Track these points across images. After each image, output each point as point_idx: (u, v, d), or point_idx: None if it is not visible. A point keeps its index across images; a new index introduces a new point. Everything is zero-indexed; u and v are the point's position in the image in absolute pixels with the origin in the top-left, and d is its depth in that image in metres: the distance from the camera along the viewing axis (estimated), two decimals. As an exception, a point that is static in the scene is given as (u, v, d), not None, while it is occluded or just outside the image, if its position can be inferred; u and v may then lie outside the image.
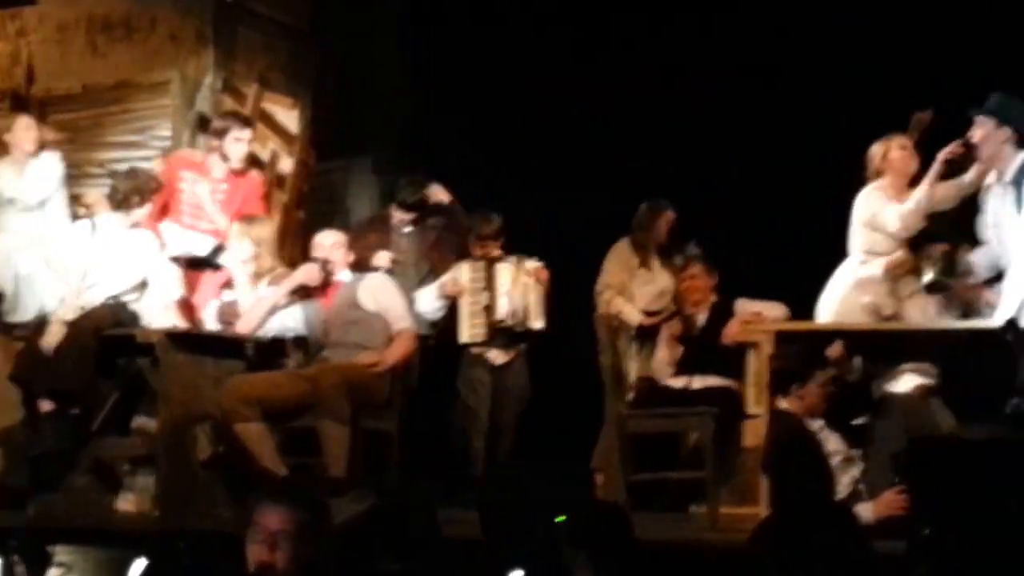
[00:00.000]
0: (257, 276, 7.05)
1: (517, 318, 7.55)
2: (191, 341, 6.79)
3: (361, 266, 7.31)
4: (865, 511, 5.35)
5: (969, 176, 6.10)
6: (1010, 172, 5.82)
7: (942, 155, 6.10)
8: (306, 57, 8.73)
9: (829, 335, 6.06)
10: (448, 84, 8.67)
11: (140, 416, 6.92)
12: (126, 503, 6.88)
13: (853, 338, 6.02)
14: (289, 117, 8.56)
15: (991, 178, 5.95)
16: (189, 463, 6.67)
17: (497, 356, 7.63)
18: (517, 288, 7.56)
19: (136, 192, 7.02)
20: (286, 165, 8.50)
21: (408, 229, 7.82)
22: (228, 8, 8.43)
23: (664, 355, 7.43)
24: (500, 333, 7.58)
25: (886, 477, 5.50)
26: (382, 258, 7.64)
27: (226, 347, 6.90)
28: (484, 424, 7.55)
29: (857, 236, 6.37)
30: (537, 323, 7.60)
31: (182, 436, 6.69)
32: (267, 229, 7.23)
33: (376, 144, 8.68)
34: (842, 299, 6.29)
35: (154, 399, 6.75)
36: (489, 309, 7.56)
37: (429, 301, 7.64)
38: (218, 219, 7.35)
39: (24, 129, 7.51)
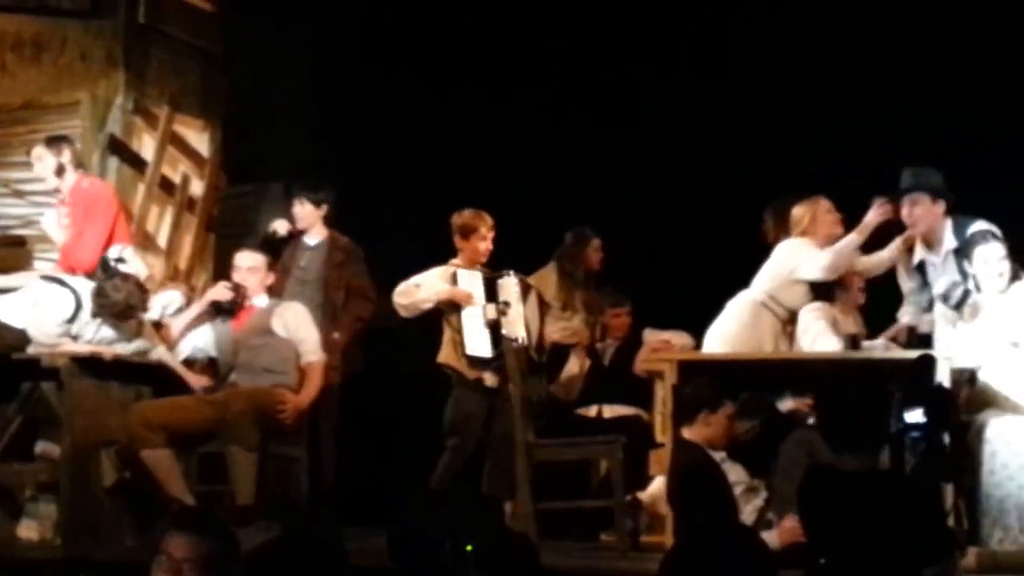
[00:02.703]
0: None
1: (532, 340, 7.00)
2: (97, 365, 6.70)
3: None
4: (770, 539, 5.42)
5: (888, 252, 6.48)
6: (946, 242, 6.22)
7: (882, 212, 6.34)
8: (218, 80, 8.68)
9: (731, 365, 6.13)
10: (360, 111, 8.66)
11: (43, 441, 6.82)
12: (28, 530, 6.77)
13: (751, 368, 6.10)
14: (200, 140, 8.51)
15: (921, 252, 6.29)
16: (93, 490, 6.58)
17: (491, 379, 7.00)
18: (529, 307, 7.05)
19: (109, 308, 6.69)
20: (197, 188, 8.45)
21: (316, 241, 7.50)
22: (140, 29, 8.36)
23: (574, 366, 7.45)
24: (505, 353, 6.91)
25: (792, 506, 5.57)
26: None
27: (133, 371, 6.82)
28: (469, 452, 7.02)
29: (770, 280, 6.47)
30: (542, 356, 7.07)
31: (86, 462, 6.60)
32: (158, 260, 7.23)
33: (287, 169, 8.64)
34: (733, 336, 6.41)
35: (58, 424, 6.65)
36: (497, 324, 6.97)
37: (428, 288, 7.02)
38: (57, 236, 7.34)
39: None
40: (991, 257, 6.01)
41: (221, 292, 6.89)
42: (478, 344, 6.97)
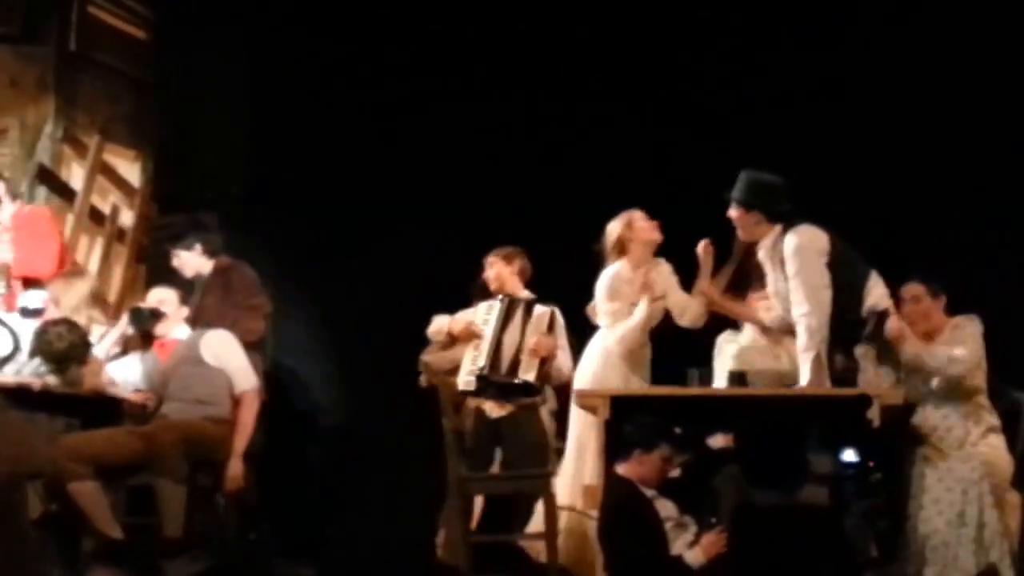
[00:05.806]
0: None
1: (497, 366, 6.83)
2: (25, 396, 6.63)
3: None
4: (695, 556, 5.50)
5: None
6: (768, 246, 6.12)
7: (701, 249, 6.44)
8: (150, 109, 8.65)
9: (661, 401, 6.16)
10: (294, 140, 8.64)
11: (-32, 474, 6.72)
12: (-50, 564, 6.67)
13: (680, 404, 6.12)
14: (131, 170, 8.48)
15: (761, 254, 6.23)
16: (19, 522, 6.49)
17: (492, 408, 6.91)
18: (511, 331, 6.89)
19: (48, 353, 6.67)
20: (127, 218, 8.40)
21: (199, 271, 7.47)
22: (71, 57, 8.32)
23: None
24: (490, 383, 6.84)
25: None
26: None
27: (61, 403, 6.75)
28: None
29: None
30: (527, 374, 6.84)
31: (12, 495, 6.50)
32: (83, 287, 7.17)
33: (220, 199, 8.61)
34: (596, 376, 6.51)
35: (-16, 456, 6.57)
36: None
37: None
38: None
39: None
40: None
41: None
42: (466, 378, 6.90)
